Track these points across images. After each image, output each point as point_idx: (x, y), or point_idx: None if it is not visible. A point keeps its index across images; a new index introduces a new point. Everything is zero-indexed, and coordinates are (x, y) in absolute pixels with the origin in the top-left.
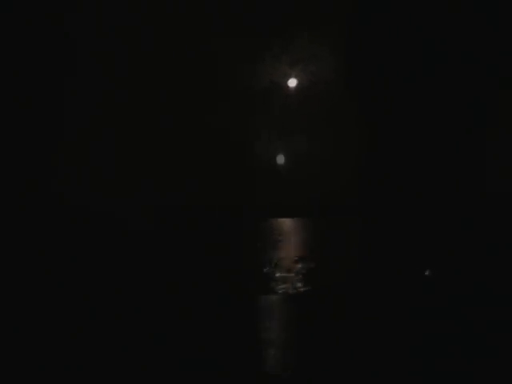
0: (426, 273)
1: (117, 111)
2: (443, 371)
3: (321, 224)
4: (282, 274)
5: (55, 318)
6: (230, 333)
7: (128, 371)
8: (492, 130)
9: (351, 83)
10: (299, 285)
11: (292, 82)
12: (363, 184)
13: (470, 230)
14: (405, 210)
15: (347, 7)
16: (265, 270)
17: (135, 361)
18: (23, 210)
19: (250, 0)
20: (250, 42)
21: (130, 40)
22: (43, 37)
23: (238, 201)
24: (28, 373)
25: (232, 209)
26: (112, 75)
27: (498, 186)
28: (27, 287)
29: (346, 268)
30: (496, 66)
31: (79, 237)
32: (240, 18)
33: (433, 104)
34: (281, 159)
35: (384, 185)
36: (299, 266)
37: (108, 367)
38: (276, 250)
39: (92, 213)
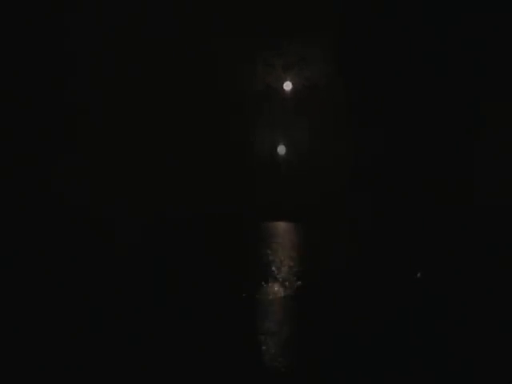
0: (418, 275)
1: (115, 112)
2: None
3: (315, 226)
4: (278, 276)
5: (55, 317)
6: (229, 330)
7: (128, 370)
8: (480, 132)
9: (348, 85)
10: (295, 285)
11: (288, 86)
12: (356, 186)
13: (460, 232)
14: (396, 212)
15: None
16: (262, 271)
17: (135, 359)
18: (23, 209)
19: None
20: (249, 44)
21: (129, 40)
22: (44, 37)
23: (236, 202)
24: (28, 373)
25: (231, 211)
26: (111, 76)
27: (485, 189)
28: (27, 287)
29: (340, 270)
30: (488, 70)
31: (79, 237)
32: (239, 19)
33: (425, 107)
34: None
35: (376, 186)
36: (295, 266)
37: (109, 363)
38: (273, 251)
39: (91, 213)
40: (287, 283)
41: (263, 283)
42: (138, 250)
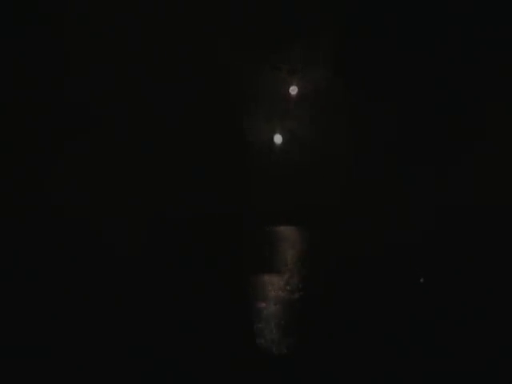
0: (421, 280)
1: (115, 112)
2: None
3: (315, 227)
4: (278, 276)
5: (54, 317)
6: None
7: (128, 368)
8: (480, 132)
9: (348, 86)
10: (296, 285)
11: (290, 87)
12: (354, 189)
13: (460, 232)
14: (396, 212)
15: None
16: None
17: (135, 357)
18: (21, 210)
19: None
20: (250, 44)
21: (132, 40)
22: (44, 37)
23: (237, 203)
24: (28, 373)
25: (232, 211)
26: (112, 76)
27: (484, 189)
28: (26, 290)
29: (341, 273)
30: (488, 70)
31: (78, 237)
32: (240, 19)
33: (425, 107)
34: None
35: (376, 186)
36: (295, 267)
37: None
38: (272, 251)
39: (91, 213)
40: (287, 284)
41: (263, 284)
42: (137, 249)
